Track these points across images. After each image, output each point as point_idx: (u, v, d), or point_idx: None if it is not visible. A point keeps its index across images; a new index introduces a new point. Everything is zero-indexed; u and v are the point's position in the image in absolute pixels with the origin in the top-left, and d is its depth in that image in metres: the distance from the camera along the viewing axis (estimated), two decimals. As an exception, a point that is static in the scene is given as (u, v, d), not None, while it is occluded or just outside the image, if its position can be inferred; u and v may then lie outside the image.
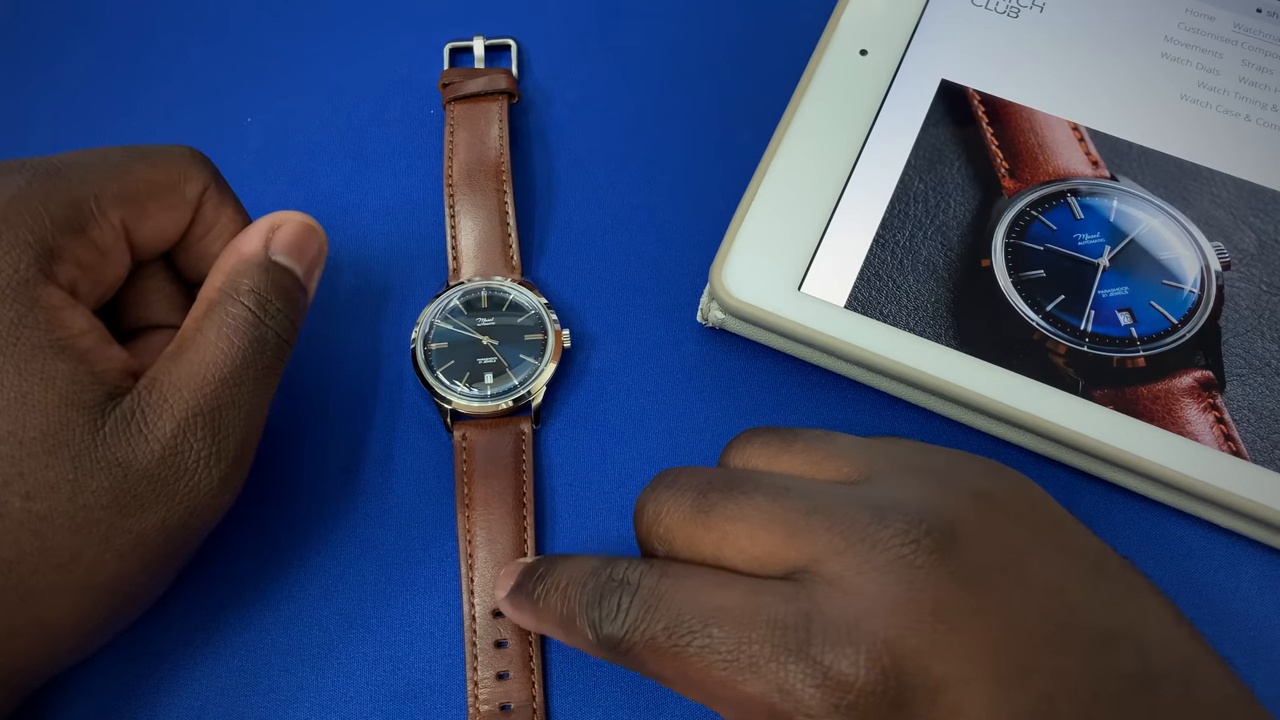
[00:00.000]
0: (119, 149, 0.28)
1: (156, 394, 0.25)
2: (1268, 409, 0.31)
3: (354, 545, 0.32)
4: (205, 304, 0.27)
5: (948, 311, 0.32)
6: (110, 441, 0.25)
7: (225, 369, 0.26)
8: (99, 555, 0.25)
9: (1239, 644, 0.30)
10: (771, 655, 0.21)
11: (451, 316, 0.33)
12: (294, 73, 0.39)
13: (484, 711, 0.29)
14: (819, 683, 0.21)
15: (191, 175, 0.28)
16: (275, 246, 0.28)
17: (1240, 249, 0.33)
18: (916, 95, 0.35)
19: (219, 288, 0.27)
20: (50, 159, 0.26)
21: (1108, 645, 0.22)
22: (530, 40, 0.39)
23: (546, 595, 0.26)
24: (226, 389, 0.26)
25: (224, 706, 0.30)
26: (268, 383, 0.27)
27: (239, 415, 0.26)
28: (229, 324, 0.26)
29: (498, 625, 0.30)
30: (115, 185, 0.27)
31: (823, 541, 0.23)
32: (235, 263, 0.28)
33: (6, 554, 0.24)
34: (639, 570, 0.24)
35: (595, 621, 0.24)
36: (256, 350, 0.27)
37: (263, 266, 0.27)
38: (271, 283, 0.27)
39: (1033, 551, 0.23)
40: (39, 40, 0.39)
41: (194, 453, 0.25)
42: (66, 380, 0.24)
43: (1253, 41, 0.35)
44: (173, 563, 0.27)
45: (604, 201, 0.36)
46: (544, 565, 0.26)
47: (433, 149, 0.37)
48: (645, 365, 0.34)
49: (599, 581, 0.24)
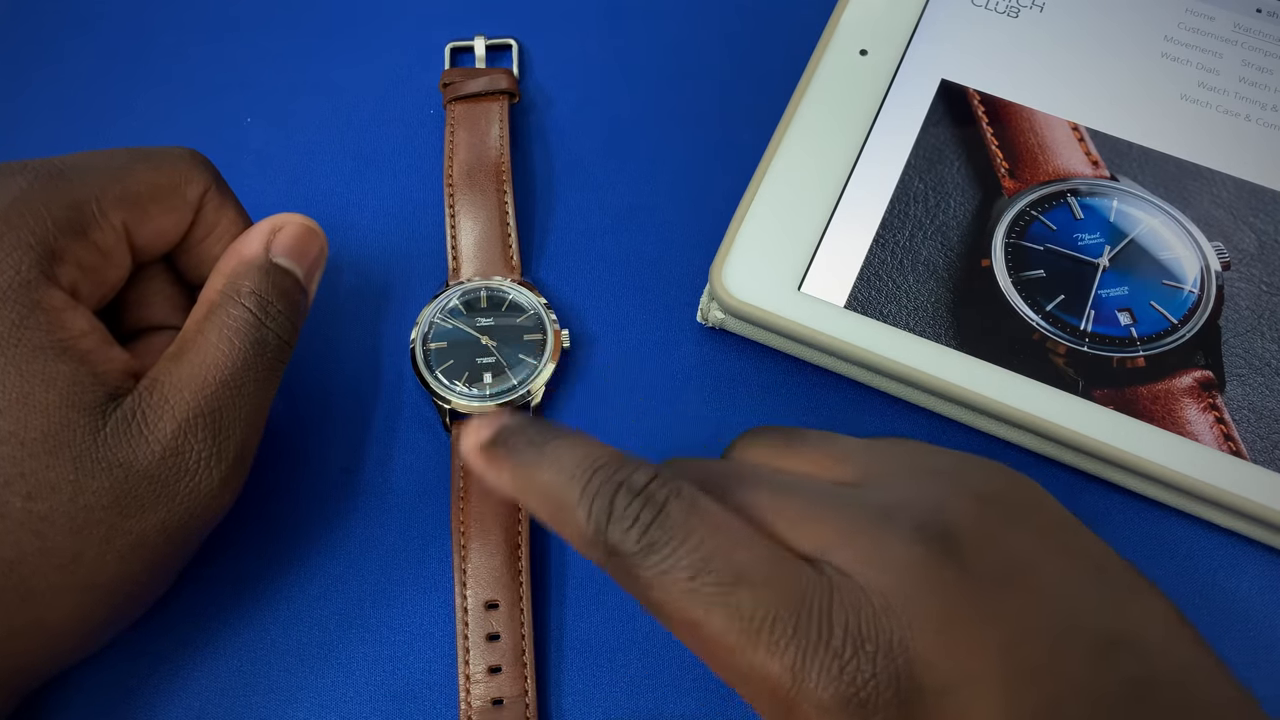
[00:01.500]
0: (120, 151, 0.28)
1: (157, 395, 0.25)
2: (1268, 409, 0.31)
3: (353, 545, 0.32)
4: (206, 306, 0.27)
5: (948, 311, 0.32)
6: (111, 442, 0.25)
7: (226, 370, 0.26)
8: (100, 555, 0.25)
9: (1239, 644, 0.30)
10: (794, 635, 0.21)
11: (451, 316, 0.33)
12: (294, 72, 0.39)
13: (476, 706, 0.29)
14: (836, 675, 0.20)
15: (192, 177, 0.28)
16: (276, 249, 0.28)
17: (1240, 249, 0.33)
18: (916, 95, 0.35)
19: (220, 290, 0.27)
20: (52, 161, 0.26)
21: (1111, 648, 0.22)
22: (531, 40, 0.39)
23: (539, 464, 0.23)
24: (227, 390, 0.26)
25: (224, 706, 0.30)
26: (268, 384, 0.27)
27: (239, 416, 0.26)
28: (230, 325, 0.27)
29: (490, 618, 0.30)
30: (117, 187, 0.27)
31: (828, 538, 0.22)
32: (236, 265, 0.28)
33: (7, 554, 0.24)
34: (665, 488, 0.22)
35: (599, 520, 0.22)
36: (257, 351, 0.27)
37: (263, 269, 0.28)
38: (272, 285, 0.27)
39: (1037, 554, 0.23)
40: (39, 40, 0.39)
41: (194, 453, 0.25)
42: (68, 381, 0.24)
43: (1253, 41, 0.35)
44: (173, 563, 0.27)
45: (604, 201, 0.36)
46: (537, 429, 0.24)
47: (433, 149, 0.37)
48: (645, 365, 0.34)
49: (610, 476, 0.22)
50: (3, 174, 0.26)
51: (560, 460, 0.23)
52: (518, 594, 0.30)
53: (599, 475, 0.22)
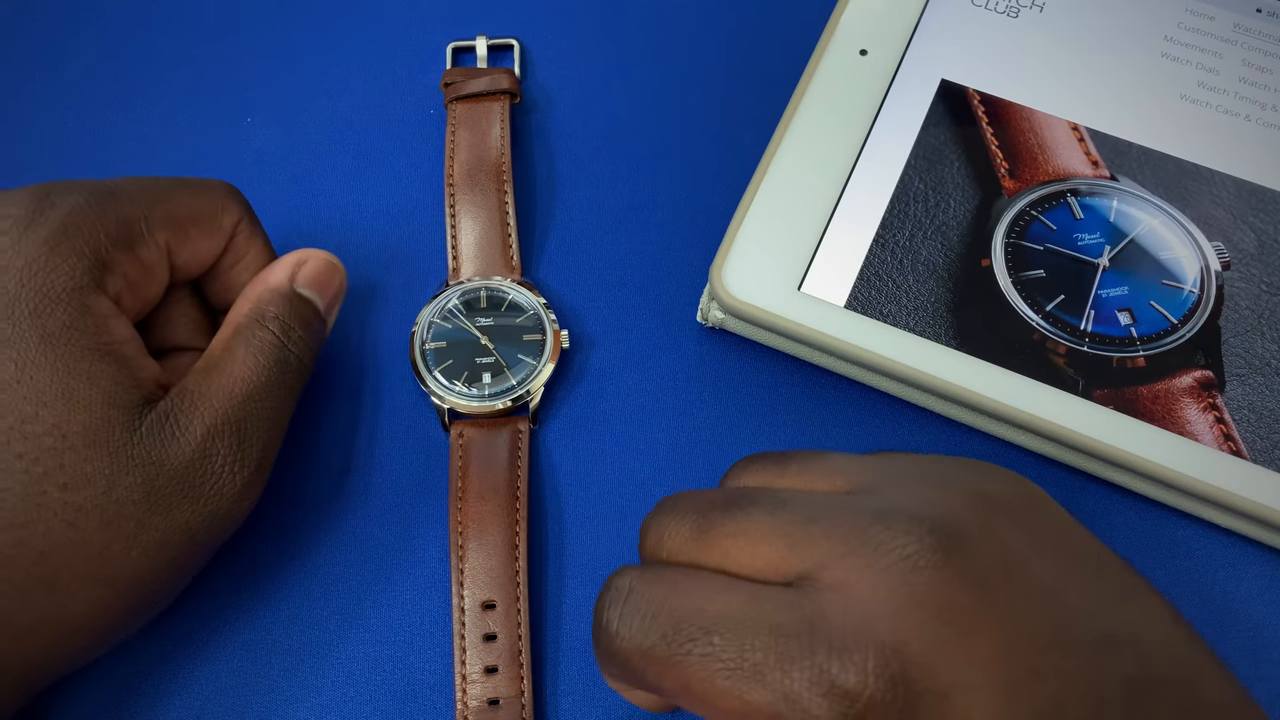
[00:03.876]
0: (165, 178, 0.30)
1: (188, 401, 0.27)
2: (1268, 409, 0.31)
3: (352, 544, 0.32)
4: (233, 327, 0.29)
5: (948, 311, 0.32)
6: (146, 440, 0.26)
7: (252, 384, 0.28)
8: (126, 550, 0.26)
9: (1239, 644, 0.30)
10: (776, 663, 0.21)
11: (450, 316, 0.33)
12: (295, 72, 0.39)
13: (472, 706, 0.29)
14: (825, 691, 0.20)
15: (229, 207, 0.30)
16: (300, 280, 0.31)
17: (1240, 249, 0.33)
18: (916, 95, 0.35)
19: (246, 313, 0.29)
20: (104, 182, 0.29)
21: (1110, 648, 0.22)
22: (533, 40, 0.39)
23: None
24: (252, 402, 0.28)
25: (224, 706, 0.30)
26: (288, 400, 0.29)
27: (262, 427, 0.28)
28: (256, 345, 0.29)
29: (486, 618, 0.30)
30: (162, 209, 0.29)
31: (823, 548, 0.22)
32: (262, 291, 0.30)
33: (40, 544, 0.25)
34: (634, 577, 0.24)
35: (596, 635, 0.23)
36: (280, 370, 0.29)
37: (288, 297, 0.30)
38: (294, 312, 0.30)
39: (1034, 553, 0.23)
40: (39, 40, 0.39)
41: (220, 457, 0.27)
42: (110, 381, 0.26)
43: (1253, 41, 0.35)
44: (191, 565, 0.28)
45: (604, 201, 0.36)
46: None
47: (433, 149, 0.37)
48: (645, 365, 0.34)
49: (602, 592, 0.24)
50: (62, 190, 0.28)
51: None
52: (515, 594, 0.30)
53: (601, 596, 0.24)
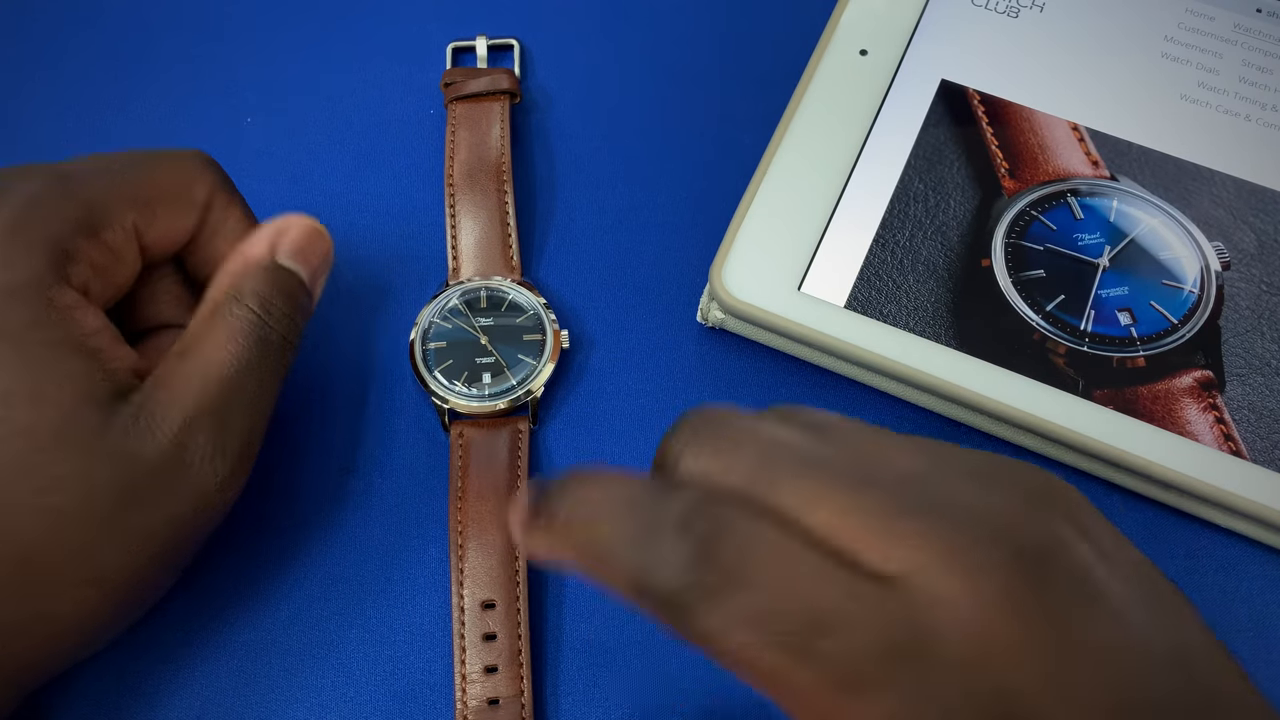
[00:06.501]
0: (128, 153, 0.28)
1: (163, 392, 0.26)
2: (1268, 409, 0.31)
3: (352, 544, 0.32)
4: (211, 305, 0.27)
5: (948, 311, 0.32)
6: (119, 437, 0.25)
7: (229, 369, 0.27)
8: (106, 549, 0.25)
9: (1239, 645, 0.30)
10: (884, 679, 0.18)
11: (450, 316, 0.33)
12: (295, 72, 0.39)
13: (472, 706, 0.29)
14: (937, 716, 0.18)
15: (199, 178, 0.29)
16: (281, 250, 0.29)
17: (1240, 249, 0.33)
18: (916, 95, 0.35)
19: (224, 290, 0.28)
20: (62, 164, 0.27)
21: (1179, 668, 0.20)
22: (533, 40, 0.39)
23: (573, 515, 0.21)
24: (230, 388, 0.26)
25: (224, 705, 0.30)
26: (272, 383, 0.28)
27: (243, 414, 0.27)
28: (233, 325, 0.27)
29: (487, 618, 0.30)
30: (126, 189, 0.27)
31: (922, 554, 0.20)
32: (240, 265, 0.28)
33: (19, 549, 0.24)
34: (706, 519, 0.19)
35: (643, 565, 0.19)
36: (260, 351, 0.27)
37: (267, 270, 0.28)
38: (275, 285, 0.28)
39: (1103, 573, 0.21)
40: (39, 40, 0.39)
41: (199, 449, 0.26)
42: (79, 376, 0.25)
43: (1253, 41, 0.35)
44: (177, 559, 0.27)
45: (604, 201, 0.36)
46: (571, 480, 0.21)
47: (433, 149, 0.37)
48: (645, 365, 0.34)
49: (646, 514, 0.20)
50: (15, 177, 0.26)
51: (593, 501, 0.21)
52: (514, 594, 0.30)
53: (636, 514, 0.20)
